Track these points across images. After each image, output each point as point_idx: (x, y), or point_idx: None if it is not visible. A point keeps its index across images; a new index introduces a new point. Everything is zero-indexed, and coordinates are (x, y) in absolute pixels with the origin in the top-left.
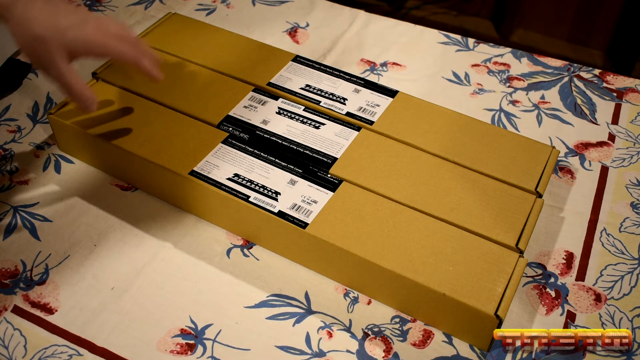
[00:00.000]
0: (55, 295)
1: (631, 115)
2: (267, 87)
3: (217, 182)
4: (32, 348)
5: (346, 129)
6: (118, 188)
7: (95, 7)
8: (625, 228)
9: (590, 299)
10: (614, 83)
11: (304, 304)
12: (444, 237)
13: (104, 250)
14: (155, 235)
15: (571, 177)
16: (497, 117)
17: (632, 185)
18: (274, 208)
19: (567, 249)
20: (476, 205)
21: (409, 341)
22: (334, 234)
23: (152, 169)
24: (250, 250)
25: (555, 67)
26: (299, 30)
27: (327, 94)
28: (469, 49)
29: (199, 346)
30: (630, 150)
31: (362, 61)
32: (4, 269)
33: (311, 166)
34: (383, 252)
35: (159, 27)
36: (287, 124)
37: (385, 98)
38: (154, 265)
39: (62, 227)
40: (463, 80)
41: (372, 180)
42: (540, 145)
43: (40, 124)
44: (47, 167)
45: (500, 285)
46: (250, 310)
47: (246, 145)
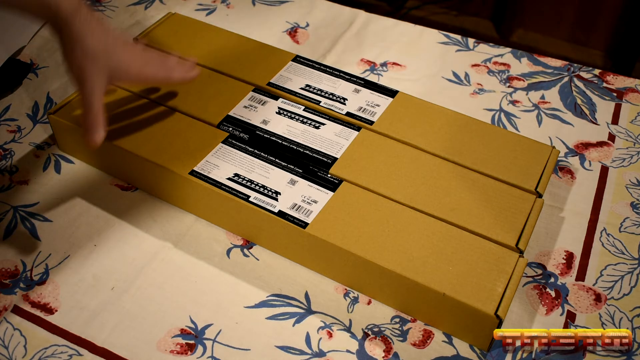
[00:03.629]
0: (55, 295)
1: (631, 115)
2: (267, 87)
3: (217, 182)
4: (32, 348)
5: (346, 129)
6: (118, 188)
7: (95, 7)
8: (625, 228)
9: (590, 299)
10: (614, 83)
11: (304, 304)
12: (444, 237)
13: (104, 250)
14: (155, 235)
15: (571, 177)
16: (497, 117)
17: (632, 185)
18: (274, 208)
19: (567, 249)
20: (476, 205)
21: (409, 341)
22: (334, 233)
23: (152, 169)
24: (250, 250)
25: (555, 67)
26: (299, 30)
27: (327, 94)
28: (469, 49)
29: (199, 346)
30: (630, 150)
31: (362, 61)
32: (4, 269)
33: (311, 166)
34: (383, 252)
35: (159, 27)
36: (287, 124)
37: (385, 98)
38: (154, 265)
39: (62, 227)
40: (463, 80)
41: (372, 180)
42: (540, 145)
43: (40, 124)
44: (47, 167)
45: (500, 285)
46: (250, 310)
47: (246, 145)
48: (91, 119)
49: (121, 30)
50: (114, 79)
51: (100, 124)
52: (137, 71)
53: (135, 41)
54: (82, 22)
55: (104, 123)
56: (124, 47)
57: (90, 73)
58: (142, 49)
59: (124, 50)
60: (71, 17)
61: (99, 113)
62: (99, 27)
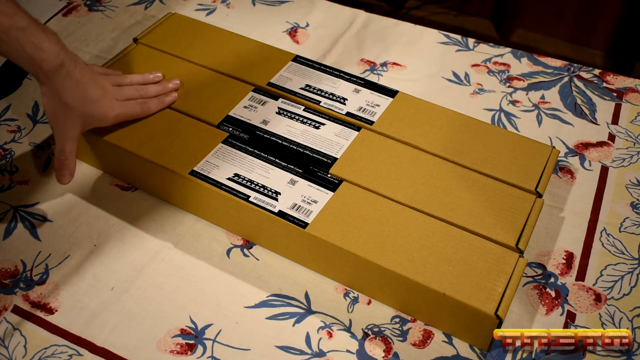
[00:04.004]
0: (55, 295)
1: (631, 115)
2: (267, 87)
3: (217, 182)
4: (32, 348)
5: (346, 129)
6: (118, 188)
7: (95, 7)
8: (625, 228)
9: (590, 299)
10: (614, 83)
11: (304, 304)
12: (444, 237)
13: (104, 250)
14: (155, 235)
15: (571, 177)
16: (497, 117)
17: (632, 185)
18: (274, 208)
19: (567, 249)
20: (476, 205)
21: (409, 341)
22: (334, 233)
23: (152, 169)
24: (250, 250)
25: (555, 67)
26: (299, 30)
27: (327, 94)
28: (469, 49)
29: (199, 346)
30: (630, 150)
31: (362, 61)
32: (4, 269)
33: (311, 166)
34: (383, 252)
35: (159, 27)
36: (287, 124)
37: (385, 98)
38: (154, 265)
39: (62, 227)
40: (463, 80)
41: (372, 180)
42: (540, 145)
43: (40, 124)
44: (47, 167)
45: (500, 285)
46: (250, 310)
47: (246, 145)
48: (61, 161)
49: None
50: (90, 125)
51: (67, 167)
52: (113, 120)
53: (135, 42)
54: (62, 79)
55: (73, 166)
56: (101, 100)
57: (64, 123)
58: (118, 94)
59: (101, 104)
60: (51, 74)
61: (70, 157)
62: (77, 85)
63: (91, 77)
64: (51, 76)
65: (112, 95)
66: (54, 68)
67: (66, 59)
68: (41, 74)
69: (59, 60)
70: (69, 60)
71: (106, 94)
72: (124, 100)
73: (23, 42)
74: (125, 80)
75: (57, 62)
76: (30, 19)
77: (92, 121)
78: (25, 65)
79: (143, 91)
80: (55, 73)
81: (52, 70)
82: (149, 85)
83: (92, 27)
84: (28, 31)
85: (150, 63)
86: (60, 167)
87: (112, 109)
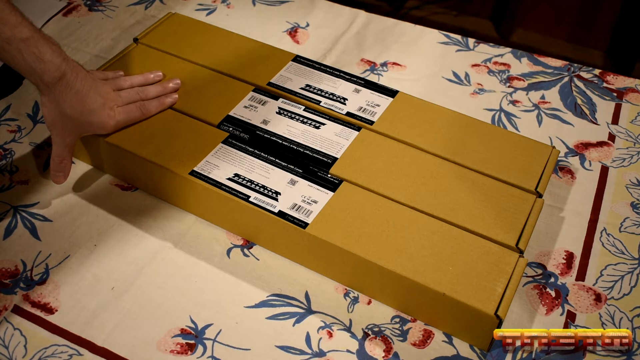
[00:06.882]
0: (55, 295)
1: (631, 115)
2: (267, 87)
3: (218, 182)
4: (32, 348)
5: (346, 129)
6: (118, 188)
7: (95, 7)
8: (625, 228)
9: (590, 299)
10: (614, 83)
11: (304, 304)
12: (444, 237)
13: (104, 250)
14: (155, 235)
15: (571, 177)
16: (497, 117)
17: (632, 185)
18: (274, 208)
19: (567, 249)
20: (476, 205)
21: (409, 341)
22: (334, 234)
23: (152, 169)
24: (250, 250)
25: (555, 67)
26: (299, 30)
27: (327, 94)
28: (469, 49)
29: (199, 346)
30: (630, 150)
31: (362, 61)
32: (4, 269)
33: (311, 166)
34: (383, 252)
35: (159, 27)
36: (287, 124)
37: (385, 98)
38: (154, 265)
39: (62, 227)
40: (463, 80)
41: (372, 180)
42: (540, 145)
43: (40, 124)
44: (47, 167)
45: (500, 285)
46: (250, 310)
47: (246, 145)
48: (57, 163)
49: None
50: (89, 133)
51: (63, 170)
52: (113, 128)
53: (135, 42)
54: (62, 90)
55: (68, 168)
56: (101, 110)
57: (62, 131)
58: (118, 100)
59: (100, 113)
60: (52, 85)
61: (66, 160)
62: (77, 96)
63: (92, 87)
64: (52, 87)
65: (112, 102)
66: (54, 79)
67: (67, 70)
68: (42, 84)
69: (60, 72)
70: (70, 70)
71: (106, 103)
72: (124, 104)
73: (25, 53)
74: (126, 84)
75: (58, 73)
76: (33, 29)
77: (90, 129)
78: (26, 74)
79: (143, 93)
80: (55, 84)
81: (52, 81)
82: (149, 87)
83: (92, 27)
84: (30, 42)
85: (150, 63)
86: (55, 169)
87: (111, 117)
